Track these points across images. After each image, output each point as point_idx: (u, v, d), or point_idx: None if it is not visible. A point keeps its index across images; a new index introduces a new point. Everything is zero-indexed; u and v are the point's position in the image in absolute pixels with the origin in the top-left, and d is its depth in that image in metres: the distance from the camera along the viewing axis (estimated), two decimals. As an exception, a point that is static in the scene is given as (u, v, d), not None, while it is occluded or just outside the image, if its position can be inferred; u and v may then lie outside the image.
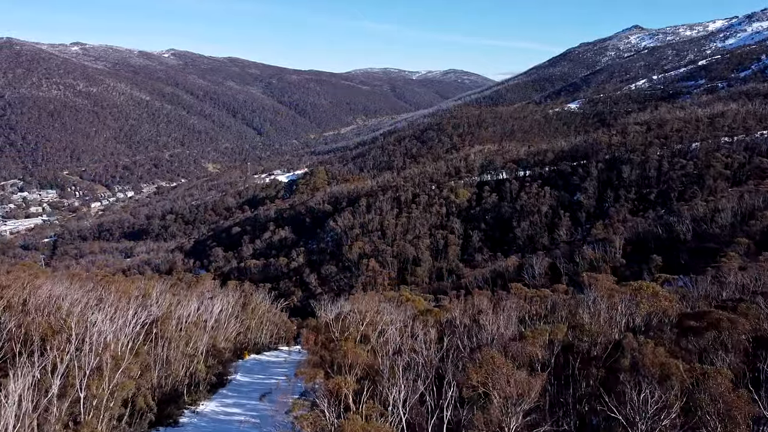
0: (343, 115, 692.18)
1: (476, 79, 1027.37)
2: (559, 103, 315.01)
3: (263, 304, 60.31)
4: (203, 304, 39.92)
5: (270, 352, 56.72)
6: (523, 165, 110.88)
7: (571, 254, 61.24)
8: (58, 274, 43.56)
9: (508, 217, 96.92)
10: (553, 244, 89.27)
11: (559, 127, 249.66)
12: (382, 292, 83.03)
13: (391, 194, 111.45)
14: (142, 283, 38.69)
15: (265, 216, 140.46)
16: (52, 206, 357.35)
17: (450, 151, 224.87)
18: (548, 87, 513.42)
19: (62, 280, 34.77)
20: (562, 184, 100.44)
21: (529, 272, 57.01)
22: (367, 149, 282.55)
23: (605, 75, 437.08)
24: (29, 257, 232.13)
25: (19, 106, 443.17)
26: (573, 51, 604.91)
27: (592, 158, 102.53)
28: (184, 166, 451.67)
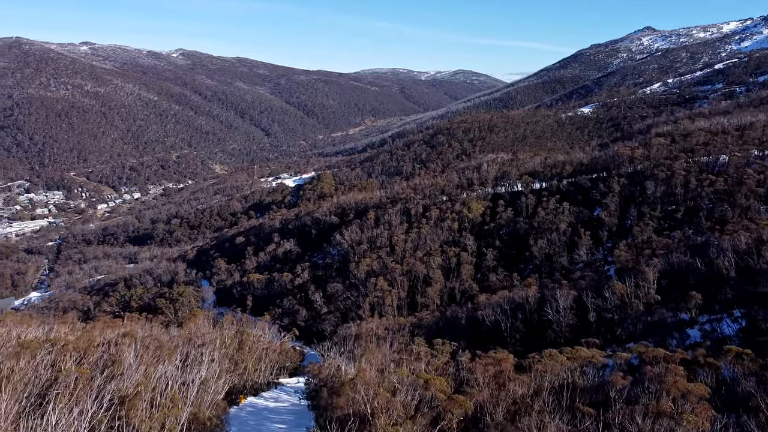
0: (352, 116, 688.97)
1: (485, 80, 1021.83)
2: (572, 107, 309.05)
3: (263, 338, 55.78)
4: (189, 358, 35.46)
5: (270, 392, 52.05)
6: (540, 177, 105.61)
7: (597, 285, 56.16)
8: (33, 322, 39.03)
9: (523, 233, 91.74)
10: (572, 263, 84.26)
11: (572, 132, 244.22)
12: (393, 318, 78.45)
13: (401, 207, 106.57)
14: (118, 337, 34.04)
15: (269, 226, 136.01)
16: (59, 208, 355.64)
17: (460, 156, 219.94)
18: (559, 89, 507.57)
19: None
20: (581, 200, 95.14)
21: (552, 306, 52.06)
22: (375, 153, 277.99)
23: (618, 77, 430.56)
24: (32, 262, 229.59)
25: (27, 107, 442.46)
26: (584, 52, 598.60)
27: (613, 172, 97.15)
28: (191, 168, 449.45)
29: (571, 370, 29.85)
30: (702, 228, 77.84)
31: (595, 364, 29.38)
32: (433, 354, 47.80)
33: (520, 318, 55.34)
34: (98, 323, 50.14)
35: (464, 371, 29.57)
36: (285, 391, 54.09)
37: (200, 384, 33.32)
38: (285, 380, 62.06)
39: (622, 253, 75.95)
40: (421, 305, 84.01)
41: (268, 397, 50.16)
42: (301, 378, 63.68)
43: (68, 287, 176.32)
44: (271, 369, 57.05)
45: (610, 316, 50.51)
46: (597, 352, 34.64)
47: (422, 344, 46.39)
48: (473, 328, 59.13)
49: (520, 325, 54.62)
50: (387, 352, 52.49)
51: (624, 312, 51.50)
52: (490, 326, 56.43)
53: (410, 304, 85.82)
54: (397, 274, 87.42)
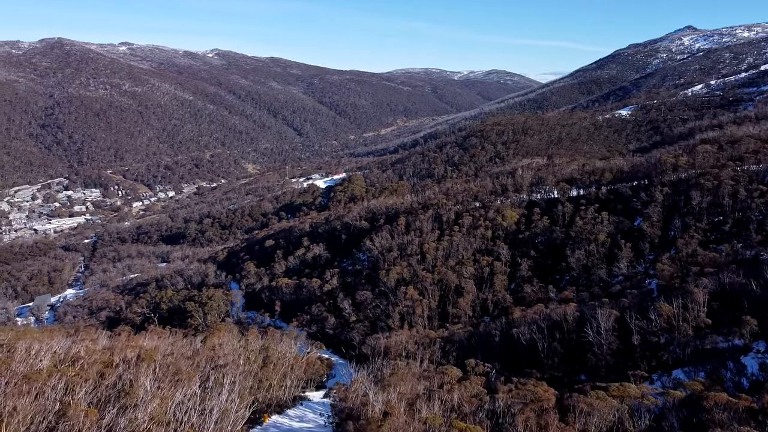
0: (383, 116, 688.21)
1: (519, 80, 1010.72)
2: (608, 109, 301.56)
3: (290, 352, 54.06)
4: (210, 381, 33.80)
5: (296, 409, 50.34)
6: (577, 184, 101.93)
7: (641, 305, 52.93)
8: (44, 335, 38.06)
9: (560, 243, 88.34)
10: (611, 276, 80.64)
11: (610, 135, 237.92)
12: (423, 331, 76.09)
13: (433, 213, 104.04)
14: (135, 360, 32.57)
15: (299, 230, 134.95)
16: (96, 205, 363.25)
17: (493, 159, 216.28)
18: (595, 90, 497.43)
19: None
20: (621, 209, 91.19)
21: (592, 327, 49.10)
22: (406, 155, 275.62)
23: (657, 79, 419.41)
24: (69, 259, 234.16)
25: (67, 106, 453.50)
26: (622, 52, 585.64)
27: (655, 180, 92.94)
28: (224, 167, 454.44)
29: (619, 411, 27.26)
30: (752, 242, 73.41)
31: (647, 407, 26.69)
32: (466, 377, 45.44)
33: (558, 338, 52.50)
34: (120, 337, 49.15)
35: (501, 413, 27.10)
36: (311, 407, 52.39)
37: (220, 412, 31.69)
38: (311, 394, 60.50)
39: (665, 267, 72.08)
40: (453, 316, 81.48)
41: (293, 415, 48.49)
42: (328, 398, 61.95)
43: (102, 285, 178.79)
44: (297, 383, 55.47)
45: (655, 340, 47.33)
46: (646, 388, 31.95)
47: (453, 372, 43.95)
48: (507, 345, 56.47)
49: (558, 345, 51.78)
50: (417, 371, 50.31)
51: (671, 335, 48.30)
52: (525, 345, 53.71)
53: (441, 314, 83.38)
54: (427, 283, 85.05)
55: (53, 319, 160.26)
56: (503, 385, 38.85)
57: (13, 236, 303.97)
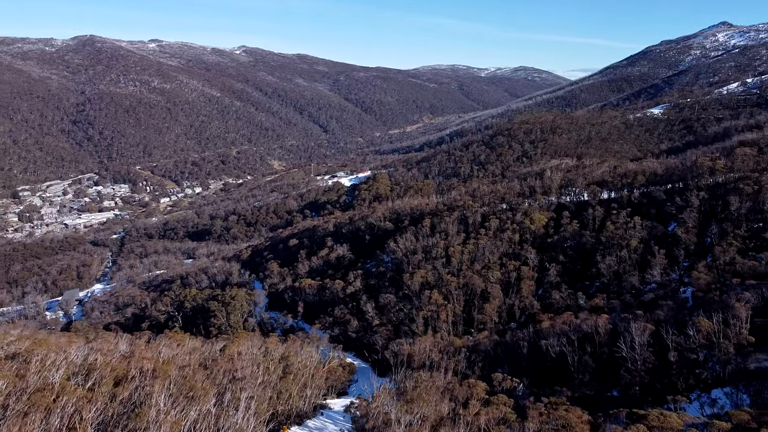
0: (409, 114, 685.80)
1: (547, 77, 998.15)
2: (639, 107, 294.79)
3: (311, 359, 52.82)
4: (227, 396, 32.60)
5: (316, 420, 49.09)
6: (608, 187, 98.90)
7: (677, 318, 50.42)
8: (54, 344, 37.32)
9: (590, 248, 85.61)
10: (644, 283, 77.75)
11: (641, 134, 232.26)
12: (447, 339, 74.29)
13: (458, 215, 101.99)
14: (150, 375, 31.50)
15: (323, 230, 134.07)
16: (124, 200, 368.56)
17: (520, 159, 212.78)
18: (626, 88, 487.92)
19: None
20: (654, 213, 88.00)
21: (626, 341, 46.80)
22: (432, 153, 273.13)
23: (690, 76, 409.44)
24: (97, 254, 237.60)
25: (98, 102, 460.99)
26: (653, 49, 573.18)
27: (690, 183, 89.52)
28: (250, 163, 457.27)
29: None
30: (795, 251, 70.13)
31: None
32: (492, 392, 43.64)
33: (589, 351, 50.27)
34: (140, 342, 48.46)
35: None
36: (332, 417, 51.06)
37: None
38: (333, 402, 59.18)
39: (701, 275, 69.14)
40: (478, 322, 79.55)
41: (313, 427, 47.18)
42: (350, 401, 60.62)
43: (129, 281, 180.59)
44: (318, 392, 54.22)
45: (694, 357, 44.86)
46: (688, 417, 29.79)
47: (479, 388, 42.18)
48: (536, 357, 54.41)
49: (589, 359, 49.58)
50: (440, 383, 48.63)
51: (710, 351, 45.77)
52: (554, 357, 51.62)
53: (466, 320, 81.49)
54: (452, 287, 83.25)
55: (81, 314, 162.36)
56: (532, 405, 36.97)
57: (44, 230, 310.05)
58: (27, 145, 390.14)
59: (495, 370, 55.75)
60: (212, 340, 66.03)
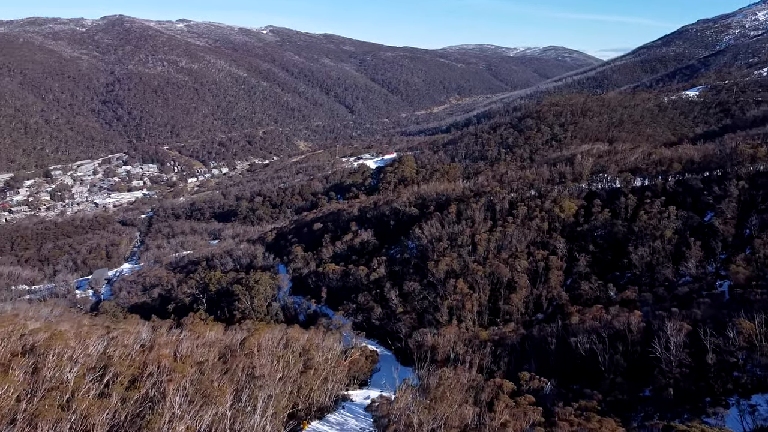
0: (436, 94, 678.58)
1: (578, 57, 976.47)
2: (674, 89, 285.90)
3: (332, 353, 51.91)
4: (245, 392, 31.74)
5: (337, 414, 48.30)
6: (642, 174, 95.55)
7: (714, 317, 48.11)
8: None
9: (622, 238, 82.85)
10: (678, 275, 74.93)
11: (675, 117, 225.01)
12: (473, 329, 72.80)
13: (485, 201, 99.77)
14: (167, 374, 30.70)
15: (347, 214, 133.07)
16: (153, 180, 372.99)
17: (549, 142, 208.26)
18: (660, 69, 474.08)
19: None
20: (690, 203, 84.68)
21: (661, 341, 44.75)
22: (459, 135, 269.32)
23: (728, 57, 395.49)
24: (126, 233, 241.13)
25: (127, 82, 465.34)
26: (689, 28, 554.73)
27: (730, 172, 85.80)
28: (276, 144, 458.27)
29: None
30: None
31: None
32: (519, 392, 42.18)
33: (621, 350, 48.33)
34: (161, 332, 48.01)
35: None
36: (353, 411, 50.19)
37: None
38: (354, 393, 58.37)
39: (739, 269, 66.16)
40: (504, 313, 77.80)
41: (333, 422, 46.33)
42: (371, 392, 59.73)
43: (156, 261, 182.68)
44: (340, 384, 53.40)
45: (733, 360, 42.68)
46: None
47: (506, 387, 40.72)
48: (564, 354, 52.67)
49: (620, 358, 47.66)
50: (464, 381, 47.30)
51: (750, 353, 43.48)
52: (584, 355, 49.81)
53: (492, 309, 79.82)
54: (478, 276, 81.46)
55: (109, 293, 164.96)
56: (561, 411, 35.39)
57: (75, 209, 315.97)
58: (58, 125, 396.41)
59: (522, 366, 54.26)
60: (234, 328, 65.65)
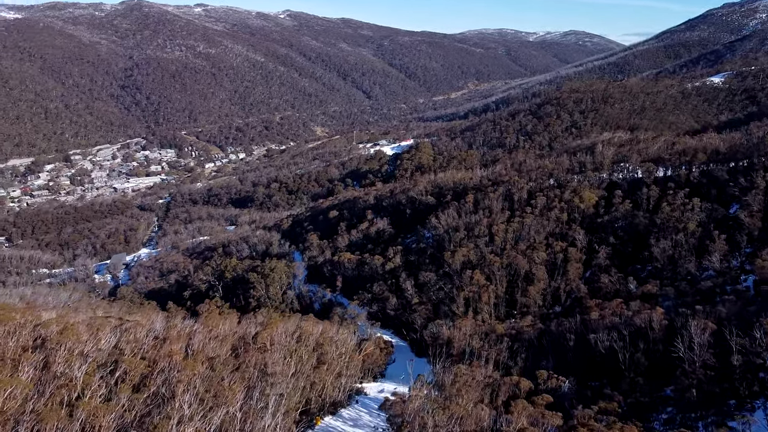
0: (454, 80, 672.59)
1: (599, 41, 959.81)
2: (698, 75, 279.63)
3: (347, 346, 51.26)
4: (257, 390, 31.17)
5: (350, 409, 47.75)
6: (664, 164, 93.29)
7: (740, 315, 46.55)
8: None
9: (643, 230, 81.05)
10: (700, 269, 73.08)
11: (699, 104, 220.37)
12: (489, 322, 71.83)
13: (503, 191, 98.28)
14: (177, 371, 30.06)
15: (363, 202, 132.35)
16: (170, 165, 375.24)
17: (569, 129, 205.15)
18: (684, 54, 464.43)
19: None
20: (714, 194, 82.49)
21: (684, 340, 43.38)
22: (477, 122, 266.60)
23: (755, 42, 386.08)
24: (144, 218, 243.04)
25: (145, 67, 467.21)
26: (715, 12, 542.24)
27: (757, 163, 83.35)
28: (293, 129, 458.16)
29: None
30: None
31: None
32: (537, 393, 41.17)
33: (642, 348, 47.02)
34: (174, 323, 47.60)
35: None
36: (367, 406, 49.54)
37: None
38: (369, 386, 57.80)
39: (765, 264, 64.28)
40: (521, 305, 76.73)
41: (347, 417, 45.75)
42: (386, 384, 59.10)
43: (173, 247, 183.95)
44: (354, 378, 52.82)
45: (760, 362, 41.18)
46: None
47: (523, 385, 39.77)
48: (583, 350, 51.48)
49: (641, 357, 46.35)
50: (480, 378, 46.40)
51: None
52: (603, 353, 48.59)
53: (508, 301, 78.75)
54: (495, 267, 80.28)
55: (127, 278, 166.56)
56: (581, 414, 34.37)
57: (94, 194, 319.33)
58: (78, 110, 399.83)
59: (539, 362, 53.20)
60: (249, 318, 65.38)
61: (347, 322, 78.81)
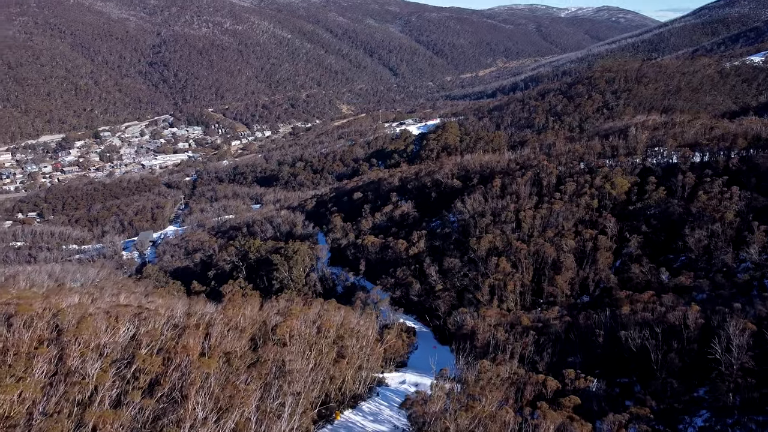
0: (483, 57, 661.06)
1: (633, 18, 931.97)
2: (737, 54, 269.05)
3: (368, 336, 50.22)
4: (273, 389, 30.26)
5: (370, 402, 46.88)
6: (702, 150, 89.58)
7: (783, 315, 44.18)
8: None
9: (677, 219, 77.90)
10: (737, 261, 70.08)
11: (737, 85, 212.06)
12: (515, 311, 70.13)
13: (531, 176, 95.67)
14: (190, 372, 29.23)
15: (388, 184, 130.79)
16: (197, 143, 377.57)
17: (601, 110, 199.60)
18: (722, 31, 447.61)
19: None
20: (755, 183, 78.80)
21: (721, 341, 41.29)
22: (505, 102, 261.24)
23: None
24: (171, 196, 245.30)
25: (173, 44, 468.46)
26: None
27: (801, 150, 79.34)
28: (319, 107, 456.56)
29: None
30: None
31: None
32: (563, 393, 39.67)
33: (675, 347, 45.00)
34: (195, 310, 46.99)
35: None
36: (387, 399, 48.63)
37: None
38: (390, 375, 56.88)
39: (808, 257, 61.33)
40: (548, 294, 74.79)
41: (367, 411, 44.82)
42: (408, 375, 58.13)
43: (199, 225, 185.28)
44: (375, 367, 51.90)
45: (803, 367, 39.01)
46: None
47: (550, 388, 38.29)
48: (612, 347, 49.65)
49: (675, 357, 44.34)
50: (505, 375, 45.03)
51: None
52: (634, 351, 46.69)
53: (535, 290, 76.84)
54: (522, 254, 78.26)
55: (154, 255, 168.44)
56: (611, 420, 32.81)
57: (123, 170, 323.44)
58: (107, 86, 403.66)
59: (566, 357, 51.59)
60: (271, 303, 64.81)
61: (370, 307, 78.00)
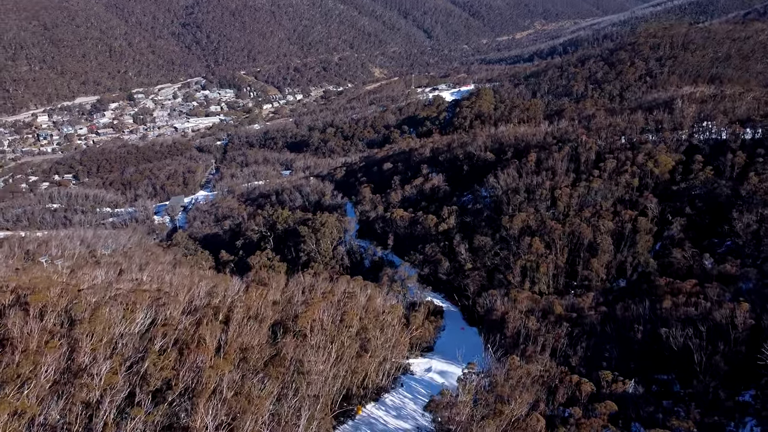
0: (520, 19, 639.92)
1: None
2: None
3: (393, 330, 48.31)
4: (291, 388, 28.70)
5: (394, 394, 45.32)
6: (754, 126, 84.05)
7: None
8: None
9: (725, 201, 73.43)
10: (789, 248, 65.78)
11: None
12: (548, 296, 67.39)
13: (569, 151, 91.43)
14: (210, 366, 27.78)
15: (419, 155, 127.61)
16: (229, 106, 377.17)
17: (643, 78, 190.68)
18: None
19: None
20: (811, 163, 73.74)
21: (773, 345, 38.28)
22: (543, 68, 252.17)
23: None
24: (202, 160, 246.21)
25: (206, 5, 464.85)
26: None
27: None
28: (351, 70, 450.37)
29: None
30: None
31: None
32: (598, 397, 37.37)
33: (722, 349, 42.03)
34: (218, 290, 45.74)
35: None
36: (411, 390, 46.97)
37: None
38: (416, 362, 55.26)
39: None
40: (582, 278, 71.75)
41: (390, 404, 43.15)
42: (434, 361, 56.45)
43: (229, 191, 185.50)
44: (400, 357, 50.26)
45: None
46: None
47: (584, 391, 35.98)
48: (651, 341, 46.88)
49: (720, 360, 41.42)
50: (536, 372, 42.81)
51: None
52: (675, 350, 43.88)
53: (568, 273, 73.88)
54: (556, 235, 75.13)
55: (184, 220, 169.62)
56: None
57: (156, 133, 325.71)
58: (141, 48, 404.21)
59: (601, 351, 49.03)
60: (296, 280, 63.58)
61: (397, 284, 76.31)
